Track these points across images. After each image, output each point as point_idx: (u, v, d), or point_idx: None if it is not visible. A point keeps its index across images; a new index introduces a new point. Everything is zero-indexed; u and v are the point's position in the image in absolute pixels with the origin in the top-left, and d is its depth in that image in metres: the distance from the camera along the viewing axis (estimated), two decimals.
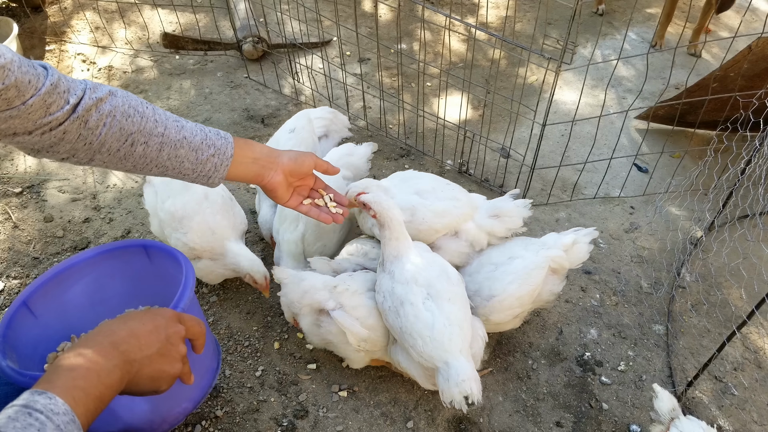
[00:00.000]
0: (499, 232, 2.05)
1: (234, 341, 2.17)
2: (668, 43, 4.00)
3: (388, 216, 1.76)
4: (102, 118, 1.17)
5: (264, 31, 3.52)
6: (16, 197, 2.71)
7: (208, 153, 1.33)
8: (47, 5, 3.95)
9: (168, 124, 1.28)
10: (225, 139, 1.38)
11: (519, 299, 1.91)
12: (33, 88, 1.06)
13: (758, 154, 2.23)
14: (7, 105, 1.04)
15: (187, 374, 1.15)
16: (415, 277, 1.75)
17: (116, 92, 1.22)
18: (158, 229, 2.14)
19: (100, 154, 1.22)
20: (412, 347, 1.71)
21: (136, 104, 1.24)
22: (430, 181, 2.09)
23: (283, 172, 1.46)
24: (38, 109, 1.08)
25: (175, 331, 1.11)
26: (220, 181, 1.39)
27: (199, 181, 1.38)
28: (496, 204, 2.08)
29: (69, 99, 1.13)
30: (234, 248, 2.07)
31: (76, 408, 0.87)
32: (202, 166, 1.34)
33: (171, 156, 1.29)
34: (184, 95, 3.38)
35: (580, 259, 2.01)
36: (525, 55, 2.74)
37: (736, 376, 2.13)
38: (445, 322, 1.70)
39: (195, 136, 1.32)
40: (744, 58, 2.35)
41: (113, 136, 1.20)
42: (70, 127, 1.14)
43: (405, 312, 1.71)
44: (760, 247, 2.49)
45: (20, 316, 1.59)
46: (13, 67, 1.01)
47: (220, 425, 1.92)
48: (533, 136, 3.00)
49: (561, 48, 2.19)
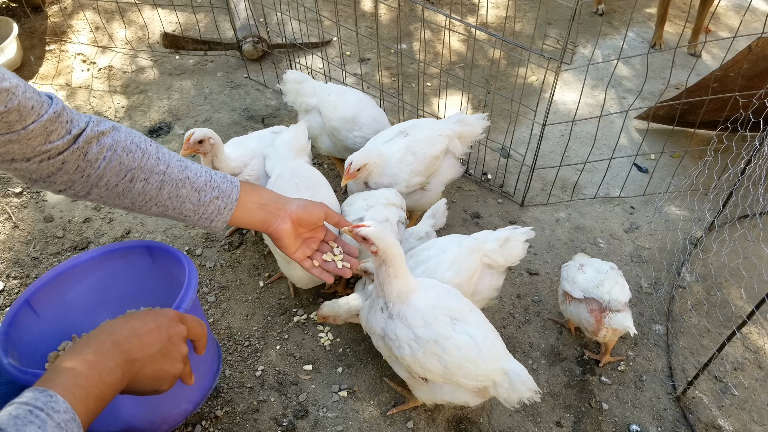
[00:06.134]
0: (467, 135, 2.48)
1: (234, 341, 2.17)
2: (668, 43, 4.00)
3: (392, 253, 1.59)
4: (102, 151, 1.17)
5: (264, 31, 3.52)
6: (16, 197, 2.71)
7: (211, 195, 1.30)
8: (47, 5, 3.95)
9: (171, 163, 1.26)
10: (231, 182, 1.34)
11: (458, 286, 1.87)
12: (35, 114, 1.06)
13: (758, 154, 2.23)
14: (8, 128, 1.04)
15: (188, 374, 1.15)
16: (434, 312, 1.64)
17: (120, 128, 1.21)
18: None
19: (98, 188, 1.21)
20: (464, 376, 1.64)
21: (139, 141, 1.23)
22: (403, 124, 2.46)
23: (291, 220, 1.40)
24: (39, 135, 1.08)
25: (176, 331, 1.11)
26: (224, 224, 1.35)
27: (201, 224, 1.34)
28: (458, 116, 2.50)
29: (71, 129, 1.13)
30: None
31: (77, 406, 0.87)
32: (204, 208, 1.30)
33: (172, 195, 1.26)
34: (184, 95, 3.38)
35: (515, 257, 2.00)
36: (525, 55, 2.74)
37: (736, 376, 2.13)
38: (482, 334, 1.65)
39: (199, 177, 1.29)
40: (744, 58, 2.35)
41: (112, 170, 1.19)
42: (69, 158, 1.14)
43: (445, 348, 1.61)
44: (760, 247, 2.49)
45: (23, 314, 1.60)
46: (17, 91, 1.02)
47: (220, 425, 1.92)
48: (533, 136, 3.00)
49: (561, 48, 2.19)
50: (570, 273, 2.07)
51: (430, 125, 2.44)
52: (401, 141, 2.34)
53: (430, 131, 2.39)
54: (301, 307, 2.30)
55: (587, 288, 1.97)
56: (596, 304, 1.95)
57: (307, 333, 2.21)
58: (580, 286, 1.99)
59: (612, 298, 1.91)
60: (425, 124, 2.45)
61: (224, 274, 2.42)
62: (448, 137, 2.41)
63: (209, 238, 2.56)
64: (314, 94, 2.64)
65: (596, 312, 1.95)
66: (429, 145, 2.34)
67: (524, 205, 2.80)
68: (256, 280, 2.40)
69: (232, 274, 2.42)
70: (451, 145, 2.44)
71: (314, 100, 2.63)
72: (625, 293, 1.95)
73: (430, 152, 2.34)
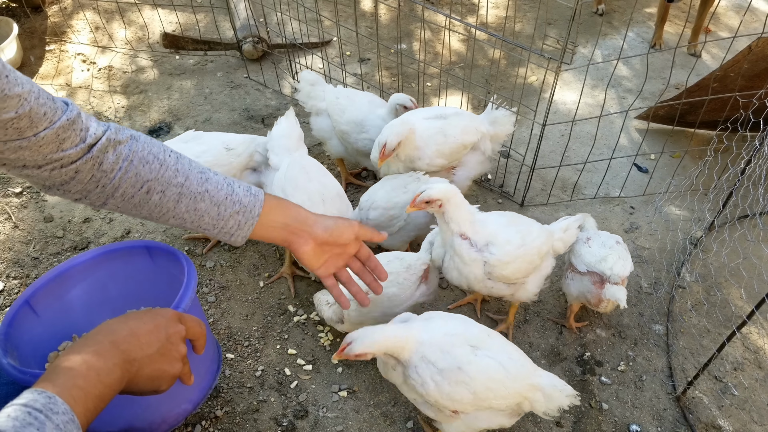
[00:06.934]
0: (500, 135, 2.53)
1: (234, 341, 2.17)
2: (668, 43, 4.00)
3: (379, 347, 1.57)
4: (118, 162, 1.14)
5: (264, 31, 3.52)
6: (16, 197, 2.71)
7: (231, 209, 1.25)
8: (47, 5, 3.95)
9: (190, 175, 1.22)
10: (254, 196, 1.28)
11: (536, 249, 1.94)
12: (47, 120, 1.04)
13: (758, 154, 2.23)
14: (18, 135, 1.01)
15: (187, 374, 1.15)
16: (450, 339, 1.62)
17: (138, 137, 1.18)
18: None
19: (114, 199, 1.18)
20: (495, 399, 1.61)
21: (158, 151, 1.19)
22: (447, 108, 2.50)
23: (314, 242, 1.34)
24: (50, 142, 1.05)
25: (175, 330, 1.11)
26: (244, 240, 1.31)
27: (220, 237, 1.30)
28: (490, 113, 2.54)
29: (86, 138, 1.10)
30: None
31: (76, 407, 0.87)
32: (224, 223, 1.26)
33: (190, 208, 1.23)
34: (184, 95, 3.38)
35: (570, 243, 2.11)
36: (525, 55, 2.74)
37: (736, 376, 2.13)
38: (506, 356, 1.63)
39: (220, 190, 1.24)
40: (744, 58, 2.35)
41: (128, 181, 1.16)
42: (82, 167, 1.11)
43: (470, 374, 1.57)
44: (760, 247, 2.49)
45: (23, 314, 1.60)
46: (30, 97, 1.00)
47: (220, 425, 1.92)
48: (533, 136, 3.00)
49: (561, 48, 2.19)
50: (576, 246, 2.14)
51: (471, 116, 2.50)
52: (437, 122, 2.37)
53: (469, 122, 2.43)
54: (301, 307, 2.30)
55: (591, 263, 2.05)
56: (598, 277, 2.03)
57: (307, 333, 2.21)
58: (584, 260, 2.07)
59: (613, 273, 1.99)
60: (465, 114, 2.51)
61: (224, 274, 2.42)
62: (482, 134, 2.46)
63: (209, 238, 2.56)
64: (324, 98, 2.64)
65: (598, 284, 2.03)
66: (463, 132, 2.38)
67: (524, 205, 2.80)
68: (256, 280, 2.40)
69: (232, 274, 2.42)
70: (483, 142, 2.48)
71: (324, 103, 2.63)
72: (626, 268, 2.04)
73: (460, 139, 2.37)
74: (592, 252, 2.07)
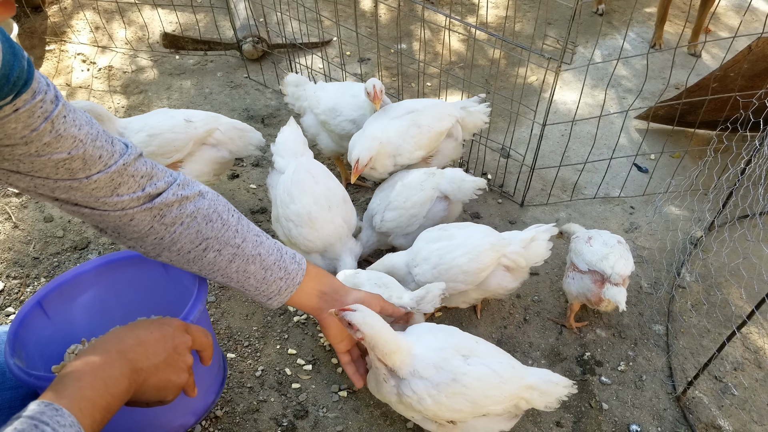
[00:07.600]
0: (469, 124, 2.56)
1: (234, 341, 2.17)
2: (668, 43, 4.00)
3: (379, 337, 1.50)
4: (181, 217, 1.13)
5: (264, 31, 3.52)
6: (16, 197, 2.71)
7: (277, 275, 1.27)
8: (47, 5, 3.95)
9: (248, 237, 1.22)
10: (299, 264, 1.31)
11: (464, 273, 1.94)
12: (102, 163, 1.03)
13: (758, 154, 2.23)
14: (70, 175, 1.01)
15: (191, 386, 1.14)
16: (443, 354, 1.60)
17: (206, 193, 1.17)
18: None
19: (169, 252, 1.18)
20: (493, 404, 1.61)
21: (222, 210, 1.19)
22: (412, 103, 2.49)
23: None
24: (104, 186, 1.04)
25: (182, 340, 1.10)
26: (279, 304, 1.33)
27: (257, 298, 1.32)
28: (464, 103, 2.58)
29: (146, 186, 1.08)
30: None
31: (83, 419, 0.86)
32: (267, 287, 1.28)
33: (240, 269, 1.23)
34: (184, 95, 3.38)
35: (539, 257, 2.03)
36: (525, 55, 2.74)
37: (736, 376, 2.13)
38: (497, 360, 1.64)
39: (270, 254, 1.26)
40: (744, 58, 2.35)
41: (188, 237, 1.15)
42: (139, 215, 1.10)
43: (467, 384, 1.57)
44: (760, 247, 2.49)
45: (34, 315, 1.59)
46: (86, 140, 0.99)
47: (220, 425, 1.92)
48: (533, 136, 3.00)
49: (561, 48, 2.19)
50: (578, 246, 2.14)
51: (442, 103, 2.53)
52: (408, 116, 2.39)
53: (440, 108, 2.45)
54: None
55: (592, 261, 2.05)
56: (599, 276, 2.03)
57: (307, 333, 2.21)
58: (585, 259, 2.07)
59: (614, 272, 1.99)
60: (437, 102, 2.53)
61: None
62: (455, 118, 2.47)
63: None
64: (306, 97, 2.68)
65: (599, 282, 2.03)
66: (436, 119, 2.40)
67: (524, 205, 2.80)
68: None
69: None
70: (455, 128, 2.50)
71: (307, 102, 2.67)
72: (628, 267, 2.04)
73: (435, 127, 2.39)
74: (593, 251, 2.07)
